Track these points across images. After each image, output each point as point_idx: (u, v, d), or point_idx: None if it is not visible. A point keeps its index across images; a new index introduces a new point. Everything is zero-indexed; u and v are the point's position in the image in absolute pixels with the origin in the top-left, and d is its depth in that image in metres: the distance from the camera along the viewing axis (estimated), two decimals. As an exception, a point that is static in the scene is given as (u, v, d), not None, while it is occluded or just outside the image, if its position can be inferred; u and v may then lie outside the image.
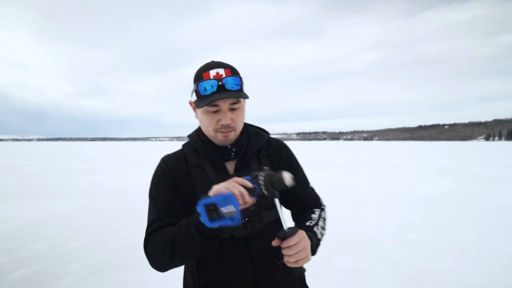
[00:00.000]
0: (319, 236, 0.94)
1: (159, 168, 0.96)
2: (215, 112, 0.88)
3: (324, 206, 1.07)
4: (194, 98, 0.91)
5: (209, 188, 0.77)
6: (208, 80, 0.85)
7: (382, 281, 2.85)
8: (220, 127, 0.89)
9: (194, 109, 0.95)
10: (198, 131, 1.00)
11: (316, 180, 9.65)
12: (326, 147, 51.81)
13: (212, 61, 0.91)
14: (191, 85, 0.94)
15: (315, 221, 0.97)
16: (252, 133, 1.02)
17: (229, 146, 0.95)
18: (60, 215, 5.29)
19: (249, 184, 0.75)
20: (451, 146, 61.80)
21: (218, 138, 0.92)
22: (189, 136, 1.02)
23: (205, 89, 0.85)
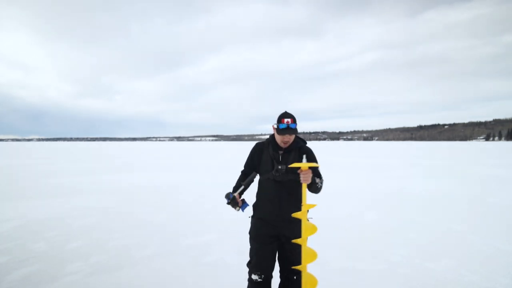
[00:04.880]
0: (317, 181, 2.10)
1: (255, 145, 2.25)
2: (283, 136, 2.03)
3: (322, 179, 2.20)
4: (276, 126, 2.05)
5: (271, 159, 2.12)
6: (283, 124, 2.00)
7: (382, 281, 2.86)
8: (283, 141, 2.07)
9: (274, 130, 2.08)
10: (273, 136, 2.16)
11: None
12: (326, 147, 51.79)
13: (286, 112, 2.05)
14: (192, 86, 0.98)
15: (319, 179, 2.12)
16: (294, 141, 2.11)
17: (282, 146, 2.12)
18: (60, 215, 5.29)
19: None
20: (451, 146, 61.78)
21: (281, 144, 2.09)
22: (269, 137, 2.21)
23: (281, 127, 2.01)
